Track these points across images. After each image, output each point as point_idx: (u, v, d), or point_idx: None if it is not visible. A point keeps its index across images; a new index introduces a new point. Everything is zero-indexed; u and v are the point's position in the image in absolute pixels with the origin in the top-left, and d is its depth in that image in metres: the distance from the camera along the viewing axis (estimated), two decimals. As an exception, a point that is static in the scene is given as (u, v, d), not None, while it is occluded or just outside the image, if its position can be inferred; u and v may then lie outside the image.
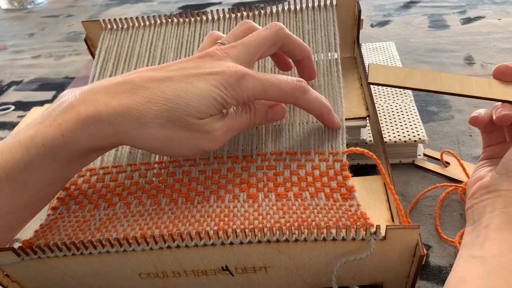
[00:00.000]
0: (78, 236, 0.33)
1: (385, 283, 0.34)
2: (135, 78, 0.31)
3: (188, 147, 0.32)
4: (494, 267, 0.29)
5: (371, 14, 0.84)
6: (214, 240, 0.30)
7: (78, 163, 0.32)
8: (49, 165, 0.30)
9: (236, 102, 0.32)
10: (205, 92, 0.30)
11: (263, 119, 0.36)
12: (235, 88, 0.31)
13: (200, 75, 0.31)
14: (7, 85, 0.80)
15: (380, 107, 0.51)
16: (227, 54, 0.33)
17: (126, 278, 0.34)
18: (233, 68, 0.32)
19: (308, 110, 0.36)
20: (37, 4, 1.19)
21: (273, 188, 0.35)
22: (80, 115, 0.30)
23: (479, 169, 0.38)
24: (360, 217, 0.32)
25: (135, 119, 0.30)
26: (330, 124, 0.37)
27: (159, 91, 0.30)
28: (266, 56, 0.38)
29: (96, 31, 0.51)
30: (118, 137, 0.30)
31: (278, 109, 0.36)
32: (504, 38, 0.69)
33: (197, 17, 0.50)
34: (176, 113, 0.30)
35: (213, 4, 1.01)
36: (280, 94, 0.33)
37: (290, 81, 0.33)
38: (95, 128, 0.30)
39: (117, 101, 0.30)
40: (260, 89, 0.32)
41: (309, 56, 0.39)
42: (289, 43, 0.36)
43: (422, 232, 0.40)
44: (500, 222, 0.31)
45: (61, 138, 0.29)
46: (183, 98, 0.30)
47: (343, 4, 0.48)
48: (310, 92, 0.34)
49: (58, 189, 0.33)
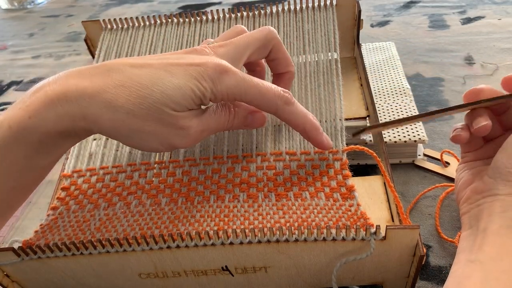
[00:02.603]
0: (78, 236, 0.33)
1: (385, 283, 0.34)
2: (112, 62, 0.30)
3: (158, 140, 0.30)
4: (493, 272, 0.29)
5: (371, 14, 0.84)
6: (214, 240, 0.30)
7: (49, 150, 0.30)
8: (17, 150, 0.29)
9: (214, 97, 0.30)
10: (183, 82, 0.29)
11: (241, 124, 0.34)
12: (215, 81, 0.30)
13: (181, 65, 0.30)
14: (7, 85, 0.80)
15: (380, 107, 0.51)
16: (215, 52, 0.32)
17: (126, 278, 0.34)
18: (216, 61, 0.30)
19: (290, 123, 0.34)
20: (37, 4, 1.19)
21: (273, 188, 0.35)
22: (48, 95, 0.28)
23: (463, 172, 0.38)
24: (360, 217, 0.32)
25: (105, 102, 0.28)
26: (318, 143, 0.35)
27: (135, 76, 0.29)
28: (256, 60, 0.37)
29: (96, 31, 0.51)
30: (86, 120, 0.29)
31: (258, 116, 0.34)
32: (504, 38, 0.69)
33: (197, 17, 0.50)
34: (149, 101, 0.28)
35: (213, 4, 1.01)
36: (260, 98, 0.31)
37: (274, 88, 0.32)
38: (62, 109, 0.28)
39: (89, 82, 0.29)
40: (241, 88, 0.31)
41: (293, 72, 0.38)
42: (278, 49, 0.36)
43: (422, 232, 0.40)
44: (499, 227, 0.31)
45: (28, 120, 0.28)
46: (159, 86, 0.29)
47: (343, 4, 0.48)
48: (294, 104, 0.33)
49: (32, 179, 0.31)
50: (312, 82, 0.41)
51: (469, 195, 0.35)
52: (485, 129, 0.34)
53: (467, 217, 0.35)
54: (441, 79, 0.61)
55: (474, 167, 0.37)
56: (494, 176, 0.33)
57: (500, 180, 0.33)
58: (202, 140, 0.39)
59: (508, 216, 0.32)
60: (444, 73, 0.63)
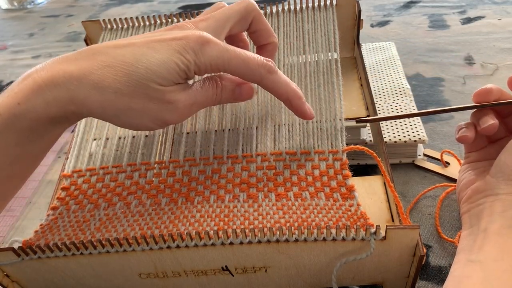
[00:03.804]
0: (78, 236, 0.33)
1: (385, 283, 0.34)
2: (97, 46, 0.31)
3: (149, 117, 0.31)
4: (493, 272, 0.29)
5: (371, 14, 0.84)
6: (214, 240, 0.30)
7: (40, 137, 0.30)
8: (8, 137, 0.29)
9: (198, 69, 0.31)
10: (166, 56, 0.29)
11: (230, 97, 0.34)
12: (198, 53, 0.30)
13: (163, 41, 0.30)
14: (7, 85, 0.80)
15: (380, 107, 0.51)
16: (196, 26, 0.33)
17: (126, 278, 0.34)
18: (198, 33, 0.31)
19: (274, 92, 0.34)
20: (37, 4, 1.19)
21: (273, 188, 0.35)
22: (36, 81, 0.29)
23: (466, 172, 0.38)
24: (360, 217, 0.32)
25: (93, 83, 0.29)
26: (301, 113, 0.35)
27: (119, 56, 0.29)
28: (237, 33, 0.37)
29: (96, 31, 0.51)
30: (75, 104, 0.29)
31: (246, 88, 0.35)
32: (504, 38, 0.69)
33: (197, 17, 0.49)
34: (134, 78, 0.29)
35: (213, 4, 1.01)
36: (243, 67, 0.32)
37: (257, 57, 0.32)
38: (50, 94, 0.28)
39: (75, 66, 0.29)
40: (224, 58, 0.31)
41: (276, 43, 0.38)
42: (259, 20, 0.36)
43: (422, 232, 0.40)
44: (499, 227, 0.31)
45: (17, 107, 0.28)
46: (143, 62, 0.29)
47: (343, 4, 0.48)
48: (277, 73, 0.33)
49: (25, 167, 0.32)
50: (312, 82, 0.41)
51: (470, 194, 0.35)
52: (492, 128, 0.34)
53: (468, 216, 0.35)
54: (441, 79, 0.61)
55: (477, 168, 0.37)
56: (496, 175, 0.33)
57: (502, 180, 0.33)
58: (202, 140, 0.39)
59: (509, 216, 0.32)
60: (444, 73, 0.63)
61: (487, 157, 0.37)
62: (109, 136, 0.41)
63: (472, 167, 0.38)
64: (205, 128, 0.40)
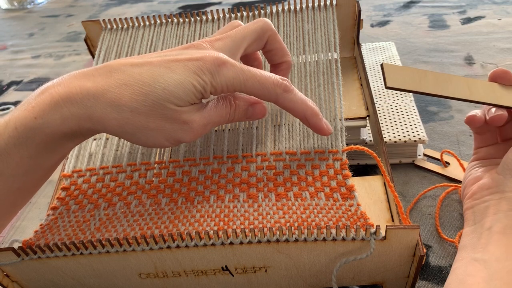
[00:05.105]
0: (78, 236, 0.33)
1: (385, 283, 0.34)
2: (113, 63, 0.31)
3: (163, 136, 0.31)
4: (497, 271, 0.29)
5: (371, 14, 0.84)
6: (214, 240, 0.30)
7: (54, 151, 0.31)
8: (23, 151, 0.29)
9: (215, 90, 0.31)
10: (183, 77, 0.30)
11: (242, 116, 0.35)
12: (214, 75, 0.30)
13: (180, 61, 0.30)
14: (7, 85, 0.80)
15: (380, 107, 0.51)
16: (212, 45, 0.33)
17: (126, 278, 0.34)
18: (214, 55, 0.31)
19: (290, 111, 0.34)
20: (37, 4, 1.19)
21: (273, 188, 0.35)
22: (53, 97, 0.29)
23: (473, 169, 0.38)
24: (360, 217, 0.32)
25: (109, 101, 0.29)
26: (318, 129, 0.35)
27: (137, 74, 0.30)
28: (253, 52, 0.37)
29: (96, 31, 0.51)
30: (92, 121, 0.29)
31: (259, 108, 0.35)
32: (504, 38, 0.69)
33: (197, 17, 0.50)
34: (152, 98, 0.29)
35: (213, 4, 1.01)
36: (259, 87, 0.32)
37: (272, 77, 0.32)
38: (67, 110, 0.29)
39: (92, 83, 0.29)
40: (240, 79, 0.31)
41: (290, 62, 0.38)
42: (274, 39, 0.36)
43: (422, 232, 0.40)
44: (505, 226, 0.31)
45: (34, 121, 0.28)
46: (160, 83, 0.29)
47: (343, 4, 0.48)
48: (293, 92, 0.33)
49: (37, 179, 0.32)
50: (312, 82, 0.41)
51: (475, 190, 0.35)
52: (500, 118, 0.34)
53: (471, 212, 0.35)
54: (441, 79, 0.61)
55: (485, 165, 0.37)
56: (504, 173, 0.33)
57: (509, 177, 0.33)
58: (202, 140, 0.39)
59: None
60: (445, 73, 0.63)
61: (496, 155, 0.37)
62: (109, 136, 0.41)
63: (480, 164, 0.38)
64: (205, 128, 0.40)
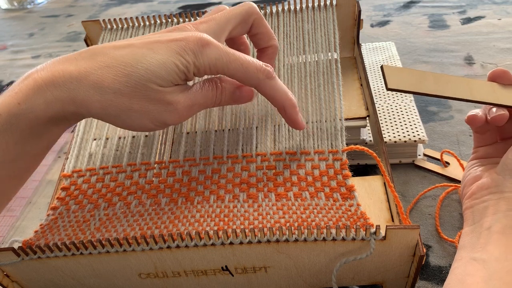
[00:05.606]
0: (78, 236, 0.33)
1: (385, 283, 0.34)
2: (96, 47, 0.31)
3: (148, 118, 0.31)
4: (496, 271, 0.29)
5: (371, 14, 0.84)
6: (214, 240, 0.30)
7: (40, 136, 0.30)
8: (8, 137, 0.29)
9: (197, 71, 0.31)
10: (165, 57, 0.30)
11: (229, 99, 0.34)
12: (197, 55, 0.30)
13: (163, 42, 0.30)
14: (7, 85, 0.80)
15: (380, 107, 0.51)
16: (197, 28, 0.33)
17: (126, 278, 0.34)
18: (198, 35, 0.31)
19: (270, 98, 0.34)
20: (37, 4, 1.19)
21: (273, 188, 0.35)
22: (36, 81, 0.29)
23: (472, 168, 0.38)
24: (360, 217, 0.32)
25: (92, 84, 0.29)
26: (293, 122, 0.35)
27: (119, 56, 0.30)
28: (238, 35, 0.37)
29: (96, 31, 0.51)
30: (75, 104, 0.29)
31: (246, 91, 0.35)
32: (504, 38, 0.69)
33: (197, 17, 0.50)
34: (134, 78, 0.29)
35: (213, 4, 1.01)
36: (242, 71, 0.32)
37: (256, 62, 0.32)
38: (51, 94, 0.29)
39: (75, 67, 0.29)
40: (223, 61, 0.31)
41: (276, 46, 0.38)
42: (260, 23, 0.36)
43: (422, 232, 0.40)
44: (504, 225, 0.31)
45: (17, 106, 0.28)
46: (142, 63, 0.29)
47: (343, 4, 0.48)
48: (275, 79, 0.33)
49: (25, 167, 0.32)
50: (312, 82, 0.41)
51: (474, 190, 0.35)
52: (501, 118, 0.34)
53: (471, 212, 0.35)
54: (441, 79, 0.61)
55: (484, 164, 0.37)
56: (503, 173, 0.33)
57: (508, 177, 0.33)
58: (202, 140, 0.39)
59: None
60: (444, 73, 0.63)
61: (495, 154, 0.37)
62: (109, 136, 0.41)
63: (479, 163, 0.38)
64: (205, 128, 0.40)
